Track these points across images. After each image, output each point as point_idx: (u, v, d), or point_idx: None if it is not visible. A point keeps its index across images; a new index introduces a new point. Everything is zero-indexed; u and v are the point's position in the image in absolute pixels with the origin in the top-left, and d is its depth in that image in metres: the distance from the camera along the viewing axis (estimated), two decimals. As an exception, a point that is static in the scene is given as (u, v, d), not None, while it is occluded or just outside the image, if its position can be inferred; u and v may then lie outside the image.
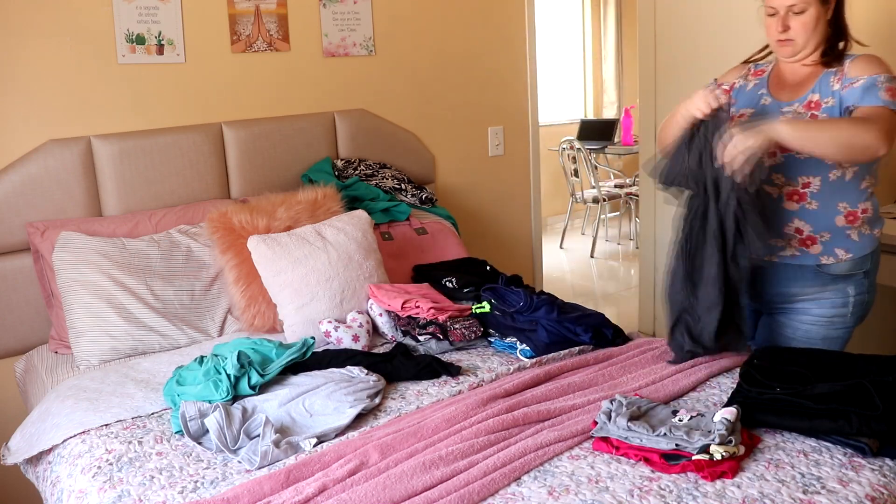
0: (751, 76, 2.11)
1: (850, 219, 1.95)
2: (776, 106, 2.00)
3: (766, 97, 2.03)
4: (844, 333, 2.05)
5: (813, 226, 1.96)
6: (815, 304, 2.03)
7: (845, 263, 1.98)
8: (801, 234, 1.98)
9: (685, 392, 1.79)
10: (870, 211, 1.97)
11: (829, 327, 2.03)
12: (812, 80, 1.96)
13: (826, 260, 1.97)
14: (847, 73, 1.90)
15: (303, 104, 2.95)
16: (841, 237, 1.96)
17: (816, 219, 1.95)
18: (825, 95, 1.92)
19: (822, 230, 1.96)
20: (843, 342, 2.07)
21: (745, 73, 2.13)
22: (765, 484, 1.39)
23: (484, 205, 3.52)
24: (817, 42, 1.94)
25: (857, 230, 1.97)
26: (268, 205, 2.46)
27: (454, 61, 3.32)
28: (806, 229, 1.97)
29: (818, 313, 2.03)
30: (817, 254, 1.97)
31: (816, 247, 1.97)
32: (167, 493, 1.49)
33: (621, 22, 7.47)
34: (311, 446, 1.62)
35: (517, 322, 2.13)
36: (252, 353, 1.92)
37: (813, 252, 1.97)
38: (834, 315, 2.02)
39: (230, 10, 2.74)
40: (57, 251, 2.27)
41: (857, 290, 2.01)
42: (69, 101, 2.49)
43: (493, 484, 1.42)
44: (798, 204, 1.96)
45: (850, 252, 1.97)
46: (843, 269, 1.99)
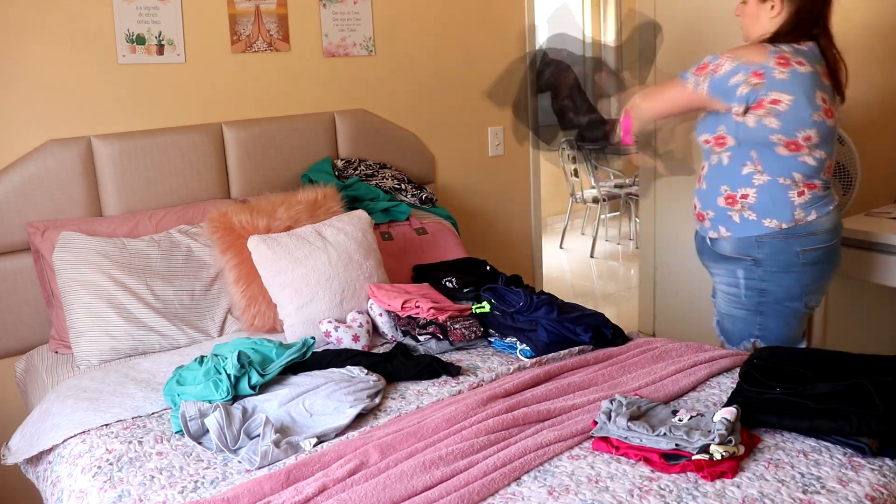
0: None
1: (728, 201, 2.14)
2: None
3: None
4: (745, 315, 2.21)
5: (701, 202, 2.24)
6: (718, 279, 2.28)
7: (727, 242, 2.18)
8: (695, 210, 2.27)
9: (685, 392, 1.79)
10: (751, 197, 2.11)
11: (729, 304, 2.25)
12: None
13: (713, 234, 2.22)
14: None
15: (303, 104, 2.95)
16: (723, 217, 2.17)
17: (703, 197, 2.23)
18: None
19: (707, 208, 2.21)
20: (751, 325, 2.20)
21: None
22: (765, 484, 1.39)
23: (484, 205, 3.52)
24: (755, 32, 2.14)
25: (738, 213, 2.14)
26: (268, 205, 2.47)
27: (454, 61, 3.32)
28: (698, 205, 2.26)
29: (720, 288, 2.28)
30: (707, 227, 2.23)
31: (706, 222, 2.23)
32: (167, 493, 1.49)
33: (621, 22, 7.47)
34: (311, 446, 1.62)
35: (517, 322, 2.13)
36: (252, 353, 1.92)
37: (705, 226, 2.24)
38: (728, 293, 2.24)
39: (230, 10, 2.74)
40: (57, 251, 2.27)
41: (747, 276, 2.17)
42: (69, 101, 2.49)
43: (493, 484, 1.42)
44: (697, 184, 2.27)
45: (731, 231, 2.16)
46: (727, 248, 2.19)
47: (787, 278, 2.13)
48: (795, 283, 2.13)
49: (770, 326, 2.19)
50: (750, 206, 2.11)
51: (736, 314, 2.24)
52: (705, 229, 2.24)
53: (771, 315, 2.18)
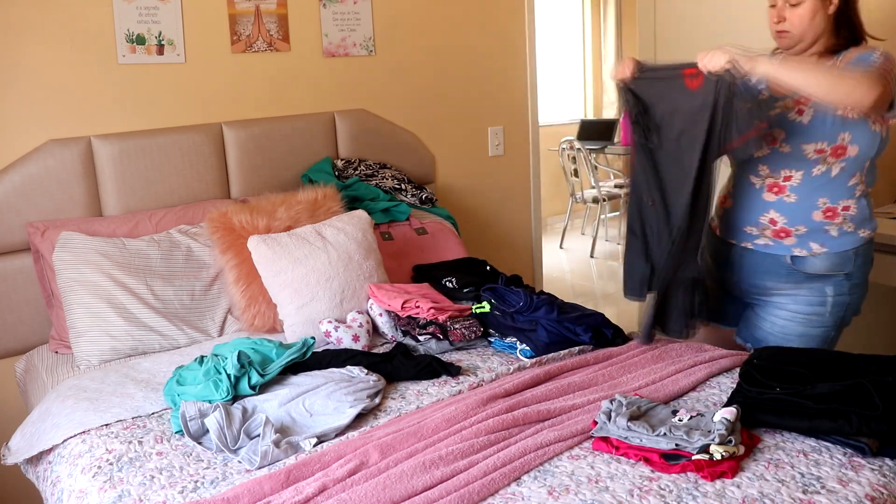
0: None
1: (828, 214, 1.96)
2: (771, 101, 2.01)
3: (764, 91, 2.03)
4: (823, 332, 2.05)
5: (788, 218, 1.98)
6: (792, 300, 2.05)
7: (821, 260, 1.98)
8: (774, 225, 2.00)
9: (685, 392, 1.79)
10: (853, 209, 1.96)
11: (807, 325, 2.04)
12: None
13: (799, 252, 1.99)
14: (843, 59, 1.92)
15: (303, 104, 2.95)
16: (818, 232, 1.97)
17: (792, 211, 1.97)
18: None
19: (798, 224, 1.97)
20: (824, 341, 2.06)
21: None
22: (765, 484, 1.39)
23: (484, 205, 3.52)
24: (815, 35, 1.95)
25: (838, 227, 1.97)
26: (268, 205, 2.47)
27: (454, 61, 3.32)
28: (780, 221, 1.99)
29: (794, 309, 2.05)
30: (790, 245, 1.99)
31: (790, 239, 1.99)
32: (167, 493, 1.49)
33: (621, 22, 7.48)
34: (311, 446, 1.62)
35: (517, 322, 2.13)
36: (252, 353, 1.92)
37: (787, 243, 1.99)
38: (811, 313, 2.04)
39: (230, 10, 2.74)
40: (57, 251, 2.27)
41: (837, 291, 2.01)
42: (69, 101, 2.49)
43: (493, 484, 1.42)
44: (776, 196, 1.98)
45: (826, 247, 1.97)
46: (818, 266, 1.99)
47: (863, 288, 2.05)
48: (865, 291, 2.07)
49: (837, 340, 2.09)
50: (851, 218, 1.96)
51: (813, 333, 2.04)
52: (784, 247, 1.99)
53: (842, 327, 2.08)
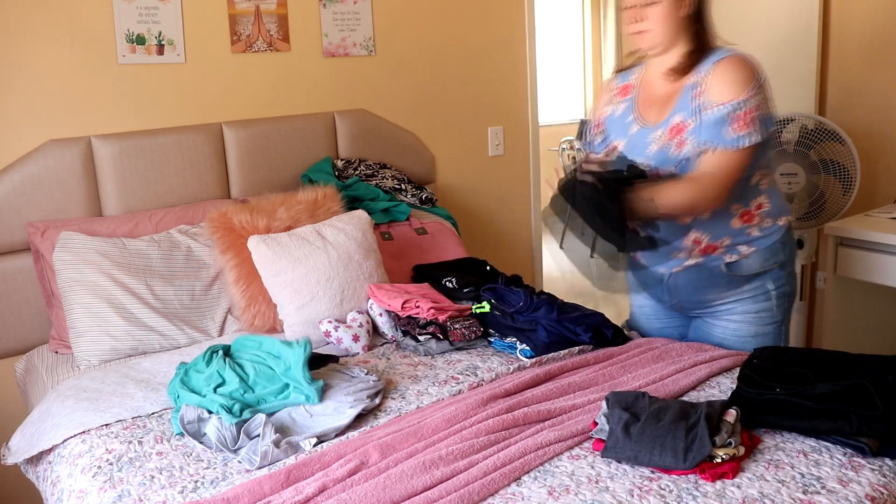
0: (617, 96, 2.08)
1: (745, 218, 1.97)
2: (643, 134, 1.97)
3: (633, 125, 2.01)
4: (775, 328, 2.07)
5: (711, 234, 1.98)
6: (739, 303, 2.05)
7: (753, 259, 1.99)
8: (699, 245, 2.00)
9: (685, 392, 1.79)
10: (766, 205, 1.97)
11: (758, 323, 2.05)
12: (675, 95, 1.91)
13: (730, 258, 1.99)
14: (707, 90, 1.85)
15: (303, 104, 2.95)
16: (741, 237, 1.98)
17: (712, 227, 1.97)
18: (687, 115, 1.88)
19: (721, 237, 1.98)
20: (777, 337, 2.08)
21: (611, 94, 2.09)
22: (765, 484, 1.39)
23: (484, 205, 3.52)
24: (673, 34, 1.90)
25: (757, 226, 1.98)
26: (268, 205, 2.47)
27: (454, 61, 3.32)
28: (704, 239, 1.99)
29: (743, 310, 2.05)
30: (720, 254, 2.00)
31: (718, 250, 2.00)
32: (167, 493, 1.49)
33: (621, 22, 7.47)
34: (311, 446, 1.62)
35: (517, 322, 2.13)
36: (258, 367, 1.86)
37: (716, 255, 2.00)
38: (759, 310, 2.04)
39: (230, 10, 2.74)
40: (57, 251, 2.27)
41: (777, 284, 2.03)
42: (69, 101, 2.49)
43: (493, 484, 1.42)
44: (691, 217, 1.95)
45: (753, 246, 1.98)
46: (753, 266, 2.00)
47: (794, 273, 2.07)
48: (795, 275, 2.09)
49: (786, 330, 2.10)
50: (767, 213, 1.97)
51: (765, 331, 2.05)
52: (717, 258, 2.00)
53: (788, 318, 2.09)
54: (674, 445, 1.43)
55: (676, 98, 1.91)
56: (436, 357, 2.11)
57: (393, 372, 2.02)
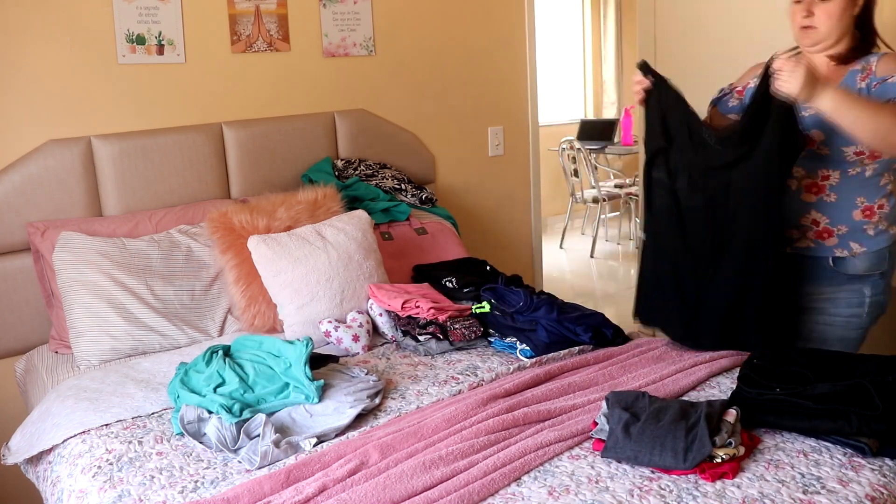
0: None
1: (867, 213, 1.95)
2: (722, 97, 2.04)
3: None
4: (860, 334, 2.04)
5: (830, 218, 1.97)
6: (832, 304, 2.02)
7: (860, 260, 1.97)
8: (817, 226, 1.99)
9: (685, 392, 1.79)
10: (886, 207, 1.97)
11: (846, 328, 2.03)
12: (836, 80, 1.93)
13: (840, 252, 1.97)
14: (875, 72, 1.88)
15: (303, 104, 2.95)
16: (857, 231, 1.96)
17: (834, 211, 1.96)
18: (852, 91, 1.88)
19: (840, 223, 1.96)
20: (858, 343, 2.05)
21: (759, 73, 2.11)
22: (765, 484, 1.39)
23: (484, 205, 3.52)
24: (840, 34, 1.92)
25: (874, 225, 1.96)
26: (268, 205, 2.46)
27: (454, 61, 3.32)
28: (822, 221, 1.98)
29: (835, 313, 2.03)
30: (832, 246, 1.97)
31: (832, 239, 1.97)
32: (167, 493, 1.49)
33: (621, 22, 7.47)
34: (311, 446, 1.62)
35: (517, 322, 2.13)
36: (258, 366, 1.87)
37: (828, 244, 1.98)
38: (850, 315, 2.02)
39: (230, 10, 2.74)
40: (57, 251, 2.27)
41: (874, 291, 2.00)
42: (69, 101, 2.49)
43: (493, 484, 1.42)
44: (816, 196, 1.97)
45: (864, 246, 1.96)
46: (858, 267, 1.98)
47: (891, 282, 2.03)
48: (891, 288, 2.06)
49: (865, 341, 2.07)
50: (885, 216, 1.96)
51: (851, 336, 2.03)
52: (826, 248, 1.98)
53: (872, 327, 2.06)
54: (674, 445, 1.43)
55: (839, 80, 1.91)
56: (436, 357, 2.11)
57: (393, 372, 2.02)
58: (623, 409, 1.54)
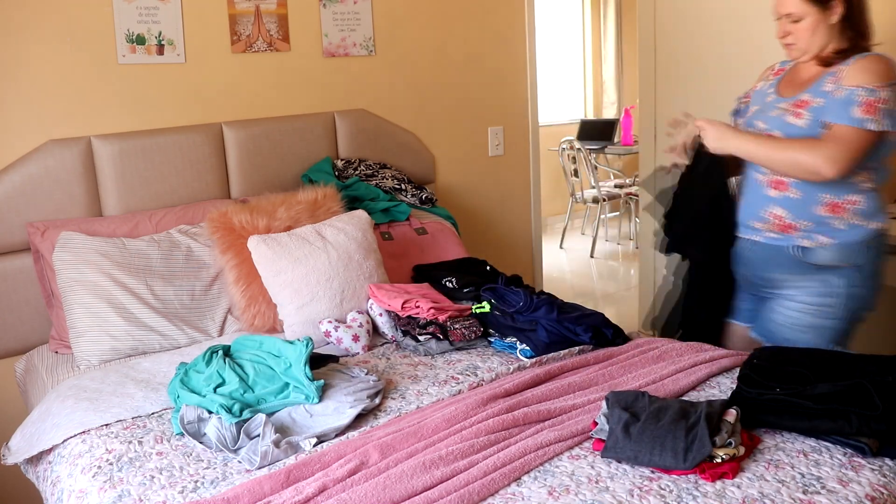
0: (771, 76, 2.21)
1: (833, 209, 2.01)
2: (774, 103, 2.10)
3: (770, 95, 2.13)
4: (836, 324, 2.08)
5: (793, 213, 2.05)
6: (802, 292, 2.09)
7: (829, 252, 2.02)
8: (780, 221, 2.07)
9: (685, 392, 1.79)
10: (861, 203, 2.01)
11: (818, 315, 2.08)
12: (814, 80, 2.02)
13: (805, 243, 2.05)
14: (843, 77, 1.95)
15: (303, 104, 2.95)
16: (823, 226, 2.02)
17: (796, 207, 2.04)
18: (816, 96, 1.98)
19: (802, 219, 2.04)
20: (837, 333, 2.09)
21: (768, 73, 2.24)
22: (765, 484, 1.39)
23: (484, 205, 3.52)
24: (820, 44, 2.01)
25: (844, 220, 2.01)
26: (268, 205, 2.47)
27: (454, 61, 3.32)
28: (786, 216, 2.06)
29: (804, 300, 2.09)
30: (797, 237, 2.06)
31: (797, 232, 2.06)
32: (167, 493, 1.49)
33: (621, 22, 7.47)
34: (311, 446, 1.62)
35: (517, 322, 2.13)
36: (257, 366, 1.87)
37: (791, 235, 2.07)
38: (821, 304, 2.07)
39: (230, 10, 2.74)
40: (57, 251, 2.27)
41: (849, 283, 2.04)
42: (69, 101, 2.49)
43: (493, 484, 1.42)
44: (779, 192, 2.06)
45: (834, 238, 2.02)
46: (827, 258, 2.03)
47: (875, 281, 2.08)
48: (877, 284, 2.10)
49: (850, 334, 2.11)
50: (859, 211, 2.01)
51: (825, 325, 2.07)
52: (790, 238, 2.06)
53: (855, 322, 2.10)
54: (674, 445, 1.43)
55: (814, 81, 2.02)
56: (436, 357, 2.11)
57: (393, 372, 2.02)
58: (623, 409, 1.54)
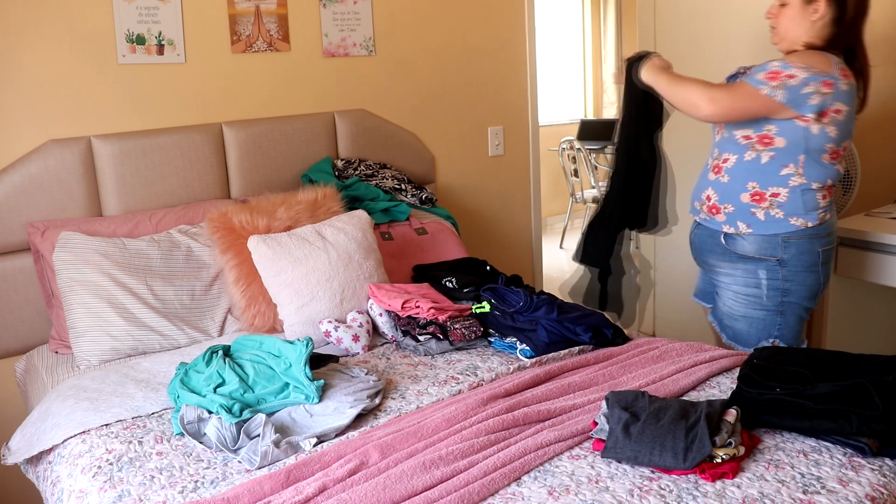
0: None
1: (755, 198, 2.11)
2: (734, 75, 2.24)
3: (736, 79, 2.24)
4: (765, 315, 2.17)
5: (720, 196, 2.17)
6: (732, 280, 2.22)
7: (748, 242, 2.13)
8: (709, 202, 2.21)
9: (685, 392, 1.79)
10: (783, 197, 2.08)
11: (747, 305, 2.20)
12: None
13: (728, 229, 2.17)
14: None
15: (303, 104, 2.95)
16: (744, 212, 2.13)
17: (724, 190, 2.16)
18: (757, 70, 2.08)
19: (727, 202, 2.15)
20: (769, 325, 2.17)
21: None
22: (765, 484, 1.39)
23: (484, 205, 3.52)
24: (796, 35, 2.10)
25: (765, 211, 2.10)
26: (268, 205, 2.47)
27: (454, 61, 3.32)
28: (714, 197, 2.19)
29: (735, 289, 2.22)
30: (721, 222, 2.18)
31: (721, 216, 2.17)
32: (167, 493, 1.49)
33: (621, 22, 7.48)
34: (311, 446, 1.62)
35: (517, 322, 2.13)
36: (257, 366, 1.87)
37: (718, 219, 2.18)
38: (748, 294, 2.19)
39: (230, 10, 2.74)
40: (57, 251, 2.27)
41: (770, 276, 2.14)
42: (69, 101, 2.49)
43: (493, 484, 1.42)
44: (715, 175, 2.19)
45: (752, 228, 2.12)
46: (747, 248, 2.14)
47: (809, 277, 2.15)
48: (815, 282, 2.17)
49: (789, 325, 2.19)
50: (779, 205, 2.09)
51: (755, 315, 2.19)
52: (717, 223, 2.19)
53: (791, 315, 2.18)
54: (674, 445, 1.43)
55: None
56: (436, 357, 2.11)
57: (393, 372, 2.02)
58: (623, 409, 1.54)
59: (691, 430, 1.46)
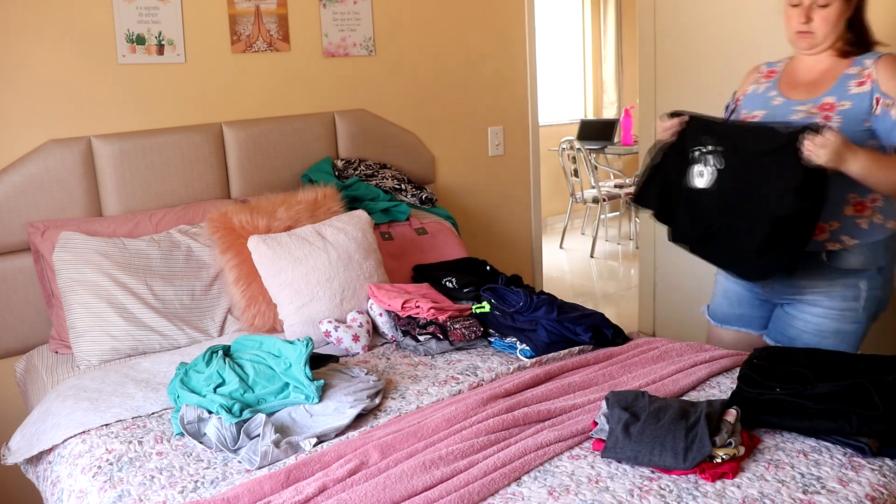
0: (762, 79, 2.14)
1: (858, 208, 1.97)
2: (787, 105, 2.02)
3: (777, 98, 2.06)
4: (857, 328, 2.05)
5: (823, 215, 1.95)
6: (826, 297, 2.04)
7: (854, 255, 1.98)
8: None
9: (685, 392, 1.79)
10: (881, 201, 1.98)
11: (841, 321, 2.03)
12: (829, 81, 1.97)
13: (832, 246, 1.98)
14: (877, 80, 1.89)
15: (303, 104, 2.95)
16: (848, 225, 1.97)
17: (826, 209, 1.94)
18: (841, 98, 1.93)
19: (831, 219, 1.97)
20: (857, 337, 2.06)
21: (757, 77, 2.17)
22: (765, 484, 1.39)
23: (484, 205, 3.52)
24: (835, 38, 1.95)
25: (867, 219, 1.98)
26: (268, 205, 2.47)
27: (454, 61, 3.32)
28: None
29: (829, 305, 2.04)
30: (824, 241, 1.98)
31: (824, 234, 1.98)
32: (167, 493, 1.49)
33: (621, 22, 7.47)
34: (311, 446, 1.62)
35: (517, 322, 2.13)
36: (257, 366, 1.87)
37: (819, 239, 1.98)
38: (845, 308, 2.03)
39: (230, 11, 2.74)
40: (57, 251, 2.27)
41: (870, 286, 2.02)
42: (69, 101, 2.49)
43: (493, 484, 1.42)
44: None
45: (857, 238, 1.97)
46: (853, 262, 1.99)
47: (891, 282, 2.06)
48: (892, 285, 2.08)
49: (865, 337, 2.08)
50: (880, 210, 1.98)
51: (847, 329, 2.04)
52: (816, 243, 1.98)
53: (872, 321, 2.07)
54: (674, 445, 1.43)
55: (831, 82, 1.96)
56: (436, 357, 2.11)
57: (393, 372, 2.02)
58: (623, 409, 1.54)
59: (691, 430, 1.46)
